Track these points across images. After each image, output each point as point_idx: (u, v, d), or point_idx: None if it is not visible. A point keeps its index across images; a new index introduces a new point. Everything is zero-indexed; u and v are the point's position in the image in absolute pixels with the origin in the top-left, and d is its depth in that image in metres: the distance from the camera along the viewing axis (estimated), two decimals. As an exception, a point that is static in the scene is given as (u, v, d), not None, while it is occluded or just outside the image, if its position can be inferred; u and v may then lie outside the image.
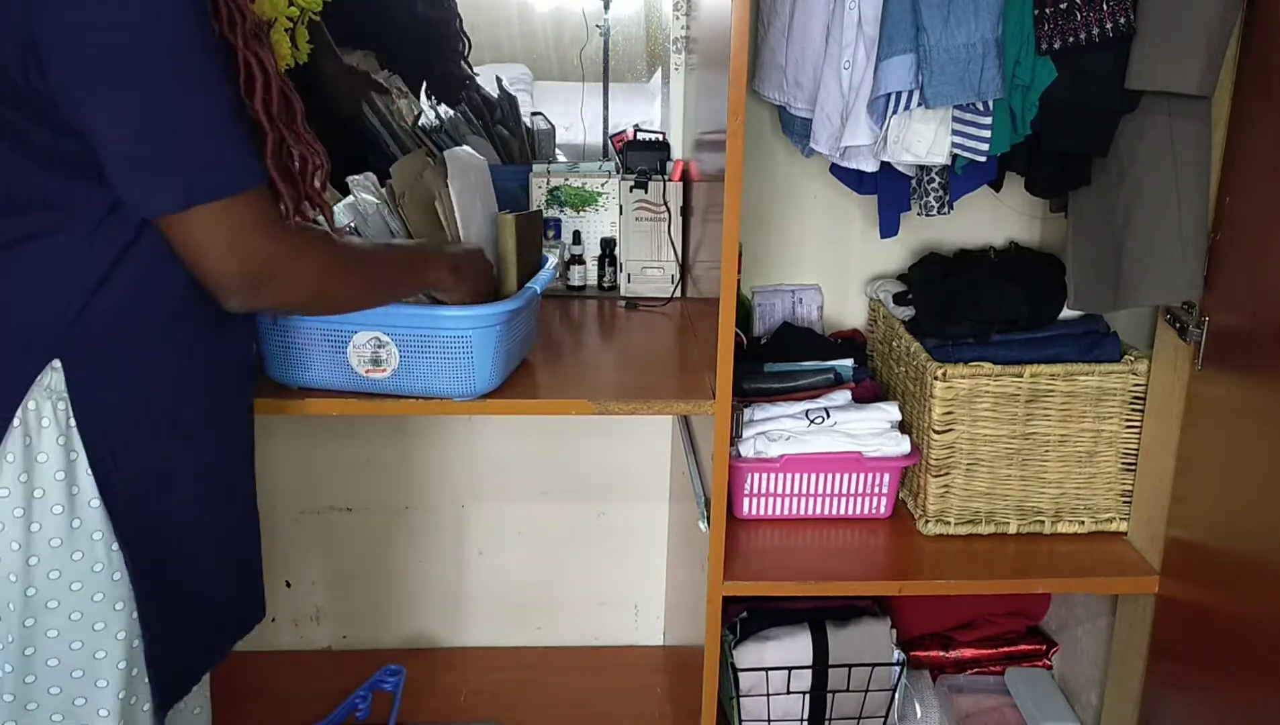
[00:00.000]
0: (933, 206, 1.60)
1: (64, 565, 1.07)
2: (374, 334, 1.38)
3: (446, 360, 1.39)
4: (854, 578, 1.60)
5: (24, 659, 1.08)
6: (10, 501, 1.04)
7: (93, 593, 1.09)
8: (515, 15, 2.08)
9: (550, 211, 1.92)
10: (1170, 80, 1.32)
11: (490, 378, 1.42)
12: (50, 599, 1.07)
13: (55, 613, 1.08)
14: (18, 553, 1.05)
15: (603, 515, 2.16)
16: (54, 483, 1.05)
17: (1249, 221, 1.36)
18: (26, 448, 1.04)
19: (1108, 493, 1.68)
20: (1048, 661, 2.00)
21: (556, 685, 2.09)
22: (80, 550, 1.07)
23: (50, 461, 1.05)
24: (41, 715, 1.10)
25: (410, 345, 1.39)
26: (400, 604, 2.19)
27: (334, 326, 1.38)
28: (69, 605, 1.08)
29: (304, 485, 2.11)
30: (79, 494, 1.07)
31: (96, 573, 1.09)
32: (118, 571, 1.10)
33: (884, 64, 1.47)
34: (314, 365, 1.42)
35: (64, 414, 1.05)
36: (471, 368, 1.40)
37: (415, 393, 1.42)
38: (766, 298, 1.99)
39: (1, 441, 1.03)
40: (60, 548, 1.07)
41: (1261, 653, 1.32)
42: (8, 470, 1.04)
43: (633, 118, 2.04)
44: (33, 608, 1.07)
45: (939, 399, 1.62)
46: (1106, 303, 1.50)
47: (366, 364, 1.40)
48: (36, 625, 1.07)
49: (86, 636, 1.09)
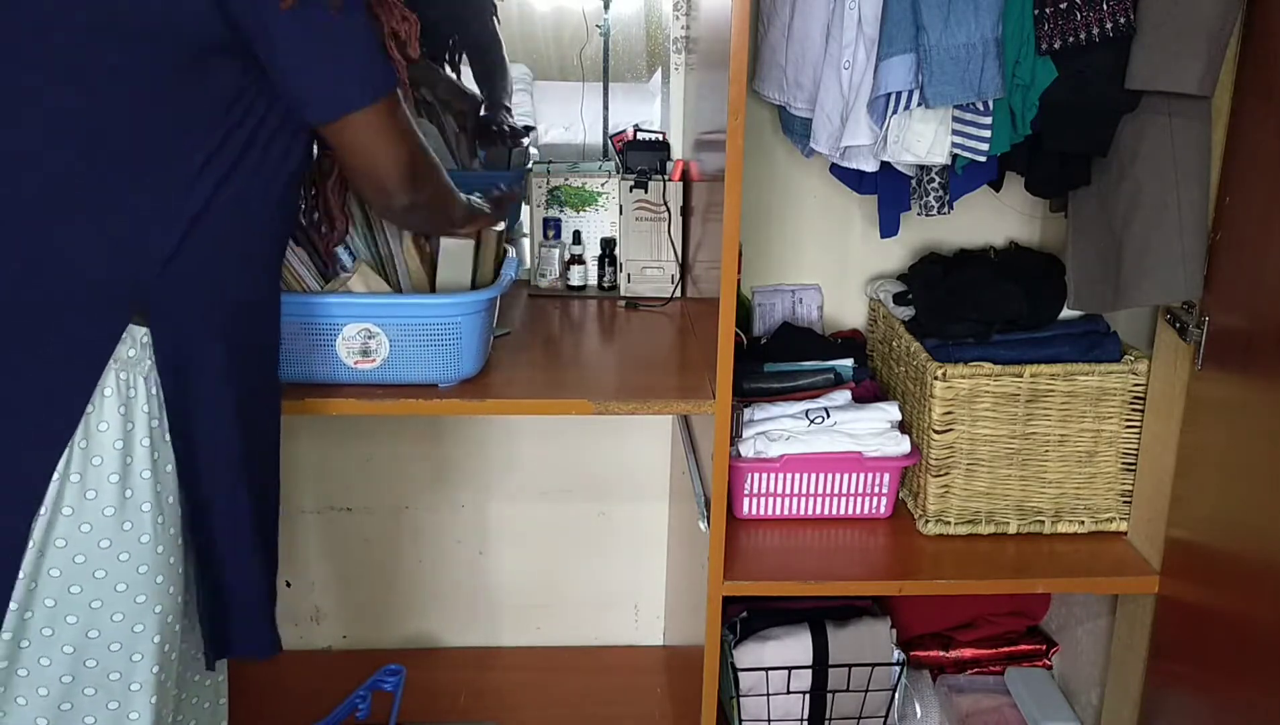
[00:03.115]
0: (933, 206, 1.60)
1: (114, 534, 1.09)
2: (364, 325, 1.41)
3: (435, 346, 1.43)
4: (854, 578, 1.60)
5: (66, 626, 1.09)
6: (73, 466, 1.06)
7: (139, 564, 1.10)
8: (515, 15, 2.08)
9: (550, 211, 1.92)
10: (1170, 80, 1.32)
11: (475, 361, 1.47)
12: (98, 569, 1.09)
13: (103, 583, 1.09)
14: (70, 518, 1.07)
15: (603, 515, 2.16)
16: (112, 452, 1.07)
17: (1249, 221, 1.36)
18: (88, 416, 1.06)
19: (1108, 493, 1.68)
20: (1048, 661, 2.00)
21: (556, 685, 2.09)
22: (130, 520, 1.09)
23: (110, 431, 1.07)
24: (75, 688, 1.11)
25: (400, 334, 1.42)
26: (400, 604, 2.19)
27: (322, 319, 1.40)
28: (115, 575, 1.09)
29: (304, 485, 2.11)
30: (132, 464, 1.09)
31: (144, 544, 1.10)
32: (162, 544, 1.12)
33: (884, 64, 1.47)
34: (299, 360, 1.42)
35: (126, 382, 1.07)
36: (459, 352, 1.44)
37: (402, 381, 1.45)
38: (766, 298, 1.99)
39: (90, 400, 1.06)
40: (113, 517, 1.08)
41: (1261, 653, 1.32)
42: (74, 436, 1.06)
43: (633, 118, 2.04)
44: (79, 574, 1.08)
45: (939, 399, 1.62)
46: (1106, 303, 1.50)
47: (356, 355, 1.42)
48: (81, 594, 1.09)
49: (129, 608, 1.11)
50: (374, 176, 1.19)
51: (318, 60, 1.10)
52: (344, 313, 1.40)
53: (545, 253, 1.93)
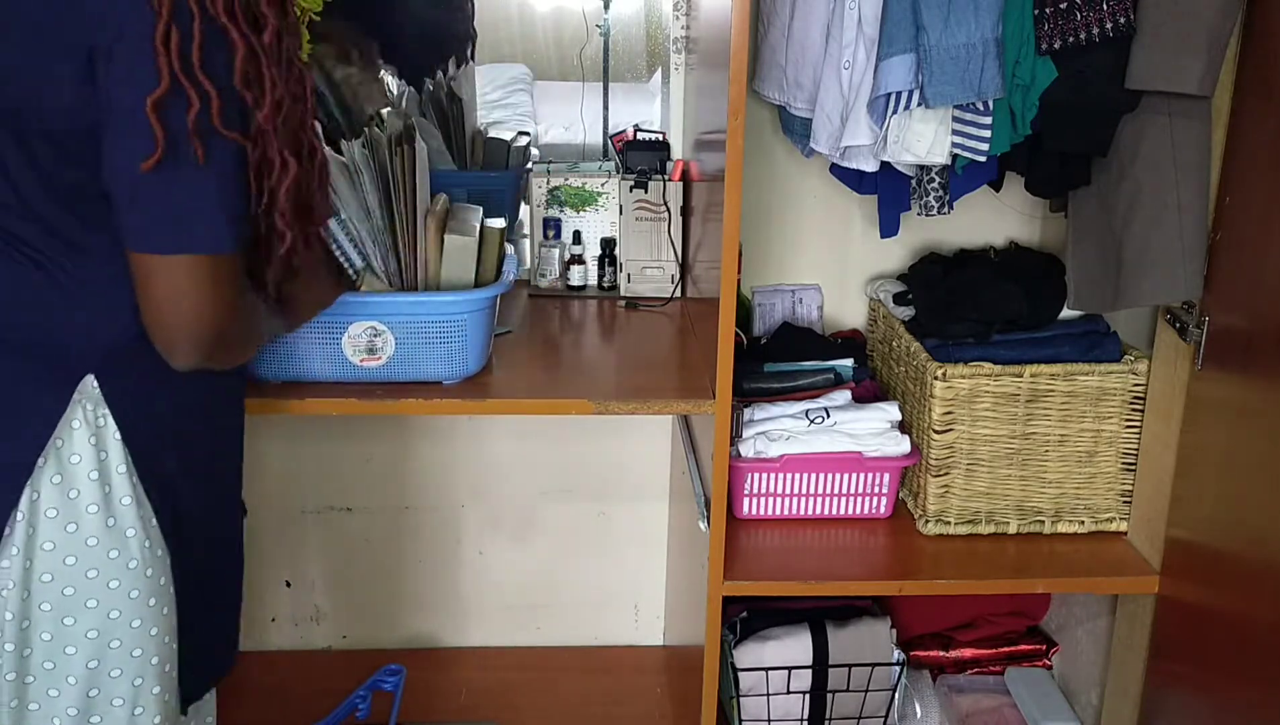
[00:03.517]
0: (933, 206, 1.60)
1: (101, 563, 1.08)
2: (370, 324, 1.41)
3: (441, 344, 1.44)
4: (854, 578, 1.60)
5: (65, 658, 1.09)
6: (44, 503, 1.05)
7: (129, 589, 1.10)
8: (515, 15, 2.08)
9: (550, 211, 1.92)
10: (1170, 80, 1.32)
11: (479, 358, 1.48)
12: (89, 598, 1.08)
13: (95, 612, 1.09)
14: (52, 553, 1.06)
15: (603, 515, 2.16)
16: (88, 482, 1.07)
17: (1249, 221, 1.36)
18: (58, 450, 1.05)
19: (1108, 493, 1.68)
20: (1048, 661, 2.00)
21: (556, 685, 2.09)
22: (116, 548, 1.09)
23: (84, 462, 1.06)
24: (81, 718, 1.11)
25: (406, 331, 1.42)
26: (400, 604, 2.19)
27: (327, 317, 1.39)
28: (107, 603, 1.09)
29: (304, 485, 2.11)
30: (112, 493, 1.08)
31: (132, 569, 1.10)
32: (151, 568, 1.11)
33: (884, 64, 1.47)
34: (305, 358, 1.43)
35: (92, 415, 1.06)
36: (465, 349, 1.45)
37: (408, 378, 1.45)
38: (766, 298, 1.99)
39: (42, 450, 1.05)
40: (97, 546, 1.08)
41: (1261, 653, 1.32)
42: (43, 474, 1.05)
43: (633, 118, 2.05)
44: (71, 606, 1.08)
45: (939, 399, 1.62)
46: (1106, 303, 1.50)
47: (362, 353, 1.42)
48: (76, 625, 1.08)
49: (124, 634, 1.11)
50: (163, 328, 1.04)
51: (147, 195, 0.99)
52: (350, 311, 1.41)
53: (545, 253, 1.93)
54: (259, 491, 2.09)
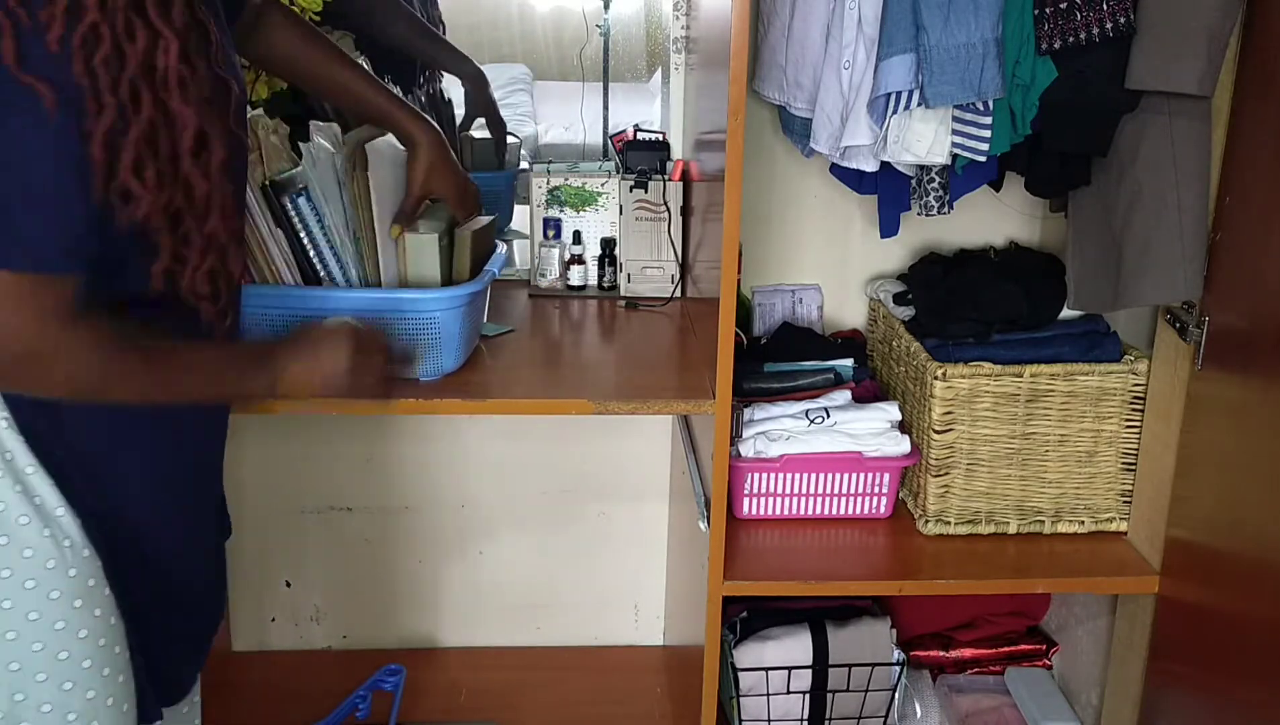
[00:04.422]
0: (933, 206, 1.60)
1: (14, 563, 1.04)
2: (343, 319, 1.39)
3: (413, 342, 1.44)
4: (854, 578, 1.60)
5: (11, 675, 1.06)
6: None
7: (49, 590, 1.06)
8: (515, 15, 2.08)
9: (550, 211, 1.92)
10: (1170, 80, 1.32)
11: (456, 357, 1.49)
12: (31, 611, 1.05)
13: (9, 613, 1.05)
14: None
15: (603, 515, 2.16)
16: (13, 494, 1.04)
17: (1249, 221, 1.36)
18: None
19: (1108, 493, 1.68)
20: (1048, 661, 2.00)
21: (556, 685, 2.09)
22: (30, 548, 1.05)
23: (4, 477, 1.03)
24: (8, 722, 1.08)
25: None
26: (400, 604, 2.19)
27: (300, 312, 1.38)
28: (51, 615, 1.06)
29: (304, 485, 2.11)
30: (42, 503, 1.05)
31: (51, 569, 1.06)
32: (75, 568, 1.07)
33: (884, 64, 1.47)
34: None
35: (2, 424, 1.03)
36: (440, 348, 1.46)
37: None
38: (766, 298, 1.99)
39: None
40: (8, 545, 1.04)
41: (1261, 653, 1.32)
42: None
43: (633, 118, 2.05)
44: (12, 621, 1.05)
45: (939, 399, 1.62)
46: (1106, 303, 1.50)
47: None
48: (19, 639, 1.05)
49: (47, 637, 1.07)
50: None
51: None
52: (323, 306, 1.39)
53: (545, 253, 1.93)
54: (259, 491, 2.10)
